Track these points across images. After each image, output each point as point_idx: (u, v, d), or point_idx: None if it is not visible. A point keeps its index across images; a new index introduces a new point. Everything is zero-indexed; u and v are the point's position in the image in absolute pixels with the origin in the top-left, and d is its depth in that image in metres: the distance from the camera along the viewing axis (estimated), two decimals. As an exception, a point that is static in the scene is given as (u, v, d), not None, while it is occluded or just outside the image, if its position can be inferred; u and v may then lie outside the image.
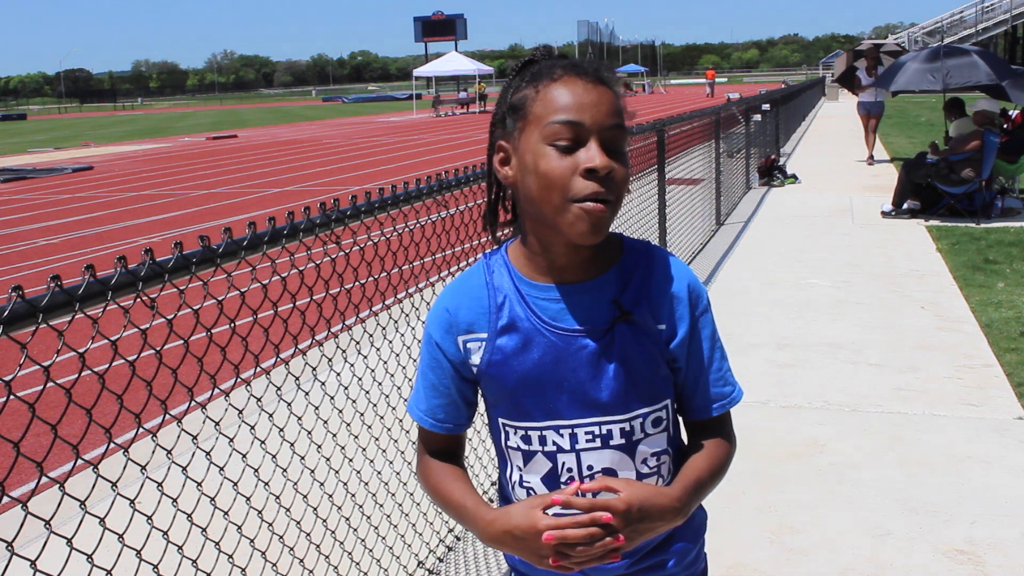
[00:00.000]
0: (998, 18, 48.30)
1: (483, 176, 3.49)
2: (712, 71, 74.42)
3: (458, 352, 1.46)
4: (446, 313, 1.47)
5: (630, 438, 1.43)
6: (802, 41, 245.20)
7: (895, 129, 22.92)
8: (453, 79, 61.68)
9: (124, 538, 1.84)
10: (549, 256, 1.40)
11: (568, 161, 1.31)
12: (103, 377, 1.70)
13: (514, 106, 1.38)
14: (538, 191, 1.33)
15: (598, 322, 1.39)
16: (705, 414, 1.49)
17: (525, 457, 1.46)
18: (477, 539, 1.48)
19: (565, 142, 1.31)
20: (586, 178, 1.30)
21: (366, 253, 2.85)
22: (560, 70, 1.35)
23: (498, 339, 1.42)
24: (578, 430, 1.42)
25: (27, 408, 1.52)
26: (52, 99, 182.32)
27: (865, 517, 3.63)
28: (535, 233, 1.41)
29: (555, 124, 1.31)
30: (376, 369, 3.46)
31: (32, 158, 30.52)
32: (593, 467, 1.42)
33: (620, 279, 1.42)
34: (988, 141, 9.96)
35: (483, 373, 1.45)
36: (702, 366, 1.47)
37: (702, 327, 1.46)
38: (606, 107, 1.33)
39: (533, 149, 1.34)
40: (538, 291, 1.42)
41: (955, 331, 6.05)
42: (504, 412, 1.47)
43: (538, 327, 1.41)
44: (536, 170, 1.33)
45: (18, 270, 10.11)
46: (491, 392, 1.47)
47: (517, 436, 1.46)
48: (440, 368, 1.49)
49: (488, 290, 1.44)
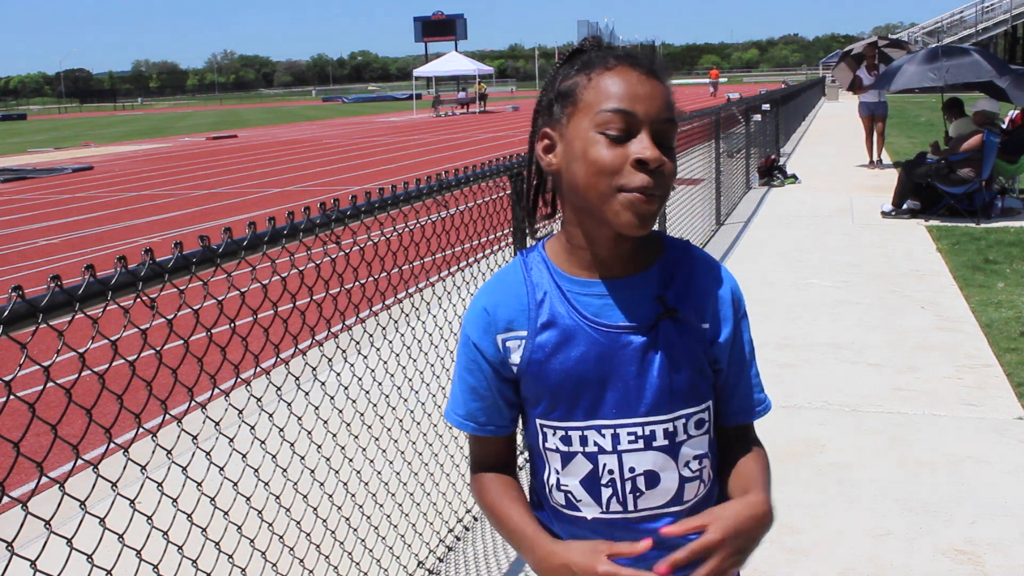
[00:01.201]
0: (998, 18, 48.30)
1: (483, 176, 3.49)
2: (716, 71, 74.44)
3: (497, 352, 1.42)
4: (484, 312, 1.43)
5: (673, 439, 1.39)
6: (802, 41, 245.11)
7: (895, 129, 22.91)
8: (453, 79, 61.66)
9: (124, 538, 1.85)
10: (592, 249, 1.37)
11: (618, 150, 1.28)
12: (103, 377, 1.70)
13: (563, 93, 1.35)
14: (585, 177, 1.30)
15: (642, 318, 1.36)
16: (746, 418, 1.46)
17: (564, 459, 1.41)
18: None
19: (616, 131, 1.28)
20: (637, 169, 1.27)
21: (366, 253, 2.85)
22: (614, 60, 1.33)
23: (538, 337, 1.38)
24: (620, 430, 1.38)
25: (27, 408, 1.52)
26: (52, 99, 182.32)
27: (865, 517, 3.63)
28: (579, 224, 1.37)
29: (607, 112, 1.29)
30: (376, 369, 3.46)
31: (32, 158, 30.51)
32: (635, 469, 1.38)
33: (662, 276, 1.39)
34: (988, 141, 9.97)
35: (523, 372, 1.41)
36: (743, 369, 1.44)
37: (743, 330, 1.44)
38: (659, 100, 1.31)
39: (583, 136, 1.31)
40: (579, 287, 1.38)
41: (955, 331, 6.05)
42: (543, 412, 1.42)
43: (580, 324, 1.37)
44: (585, 157, 1.30)
45: (18, 270, 10.11)
46: (531, 391, 1.42)
47: (556, 437, 1.41)
48: (479, 370, 1.44)
49: (527, 287, 1.40)
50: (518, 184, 3.82)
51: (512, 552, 3.51)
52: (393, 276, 3.25)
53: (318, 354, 5.28)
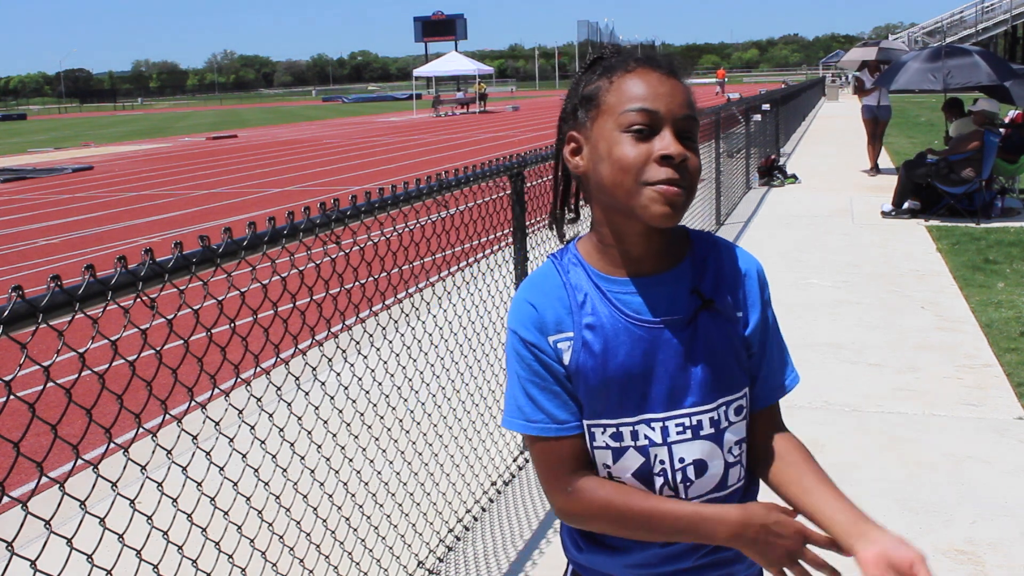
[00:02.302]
0: (998, 18, 48.31)
1: (482, 176, 3.49)
2: (722, 71, 74.86)
3: (552, 351, 1.41)
4: (534, 312, 1.42)
5: (718, 427, 1.43)
6: (802, 41, 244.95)
7: (895, 129, 22.90)
8: (453, 79, 61.68)
9: (124, 538, 1.85)
10: (623, 247, 1.41)
11: (643, 148, 1.33)
12: (103, 377, 1.70)
13: (587, 97, 1.40)
14: (611, 176, 1.35)
15: (681, 312, 1.40)
16: (779, 394, 1.50)
17: (615, 455, 1.43)
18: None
19: (640, 129, 1.33)
20: (661, 164, 1.32)
21: (366, 253, 2.85)
22: (634, 62, 1.38)
23: (584, 337, 1.40)
24: (669, 423, 1.41)
25: (27, 408, 1.52)
26: (52, 99, 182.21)
27: (865, 517, 3.63)
28: (608, 223, 1.41)
29: (630, 112, 1.34)
30: (376, 369, 3.46)
31: (32, 158, 30.51)
32: (685, 459, 1.42)
33: (695, 268, 1.42)
34: (988, 141, 9.96)
35: (572, 374, 1.41)
36: (771, 351, 1.49)
37: (769, 313, 1.49)
38: (680, 98, 1.36)
39: (608, 137, 1.36)
40: (618, 286, 1.41)
41: (955, 331, 6.05)
42: (591, 413, 1.42)
43: (623, 322, 1.40)
44: (610, 156, 1.35)
45: (18, 270, 10.11)
46: (580, 392, 1.42)
47: (606, 435, 1.43)
48: (543, 368, 1.42)
49: (567, 290, 1.42)
50: (518, 184, 3.82)
51: (512, 552, 3.50)
52: (393, 276, 3.25)
53: (318, 354, 5.28)
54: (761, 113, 14.44)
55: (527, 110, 49.84)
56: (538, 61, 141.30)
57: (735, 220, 10.92)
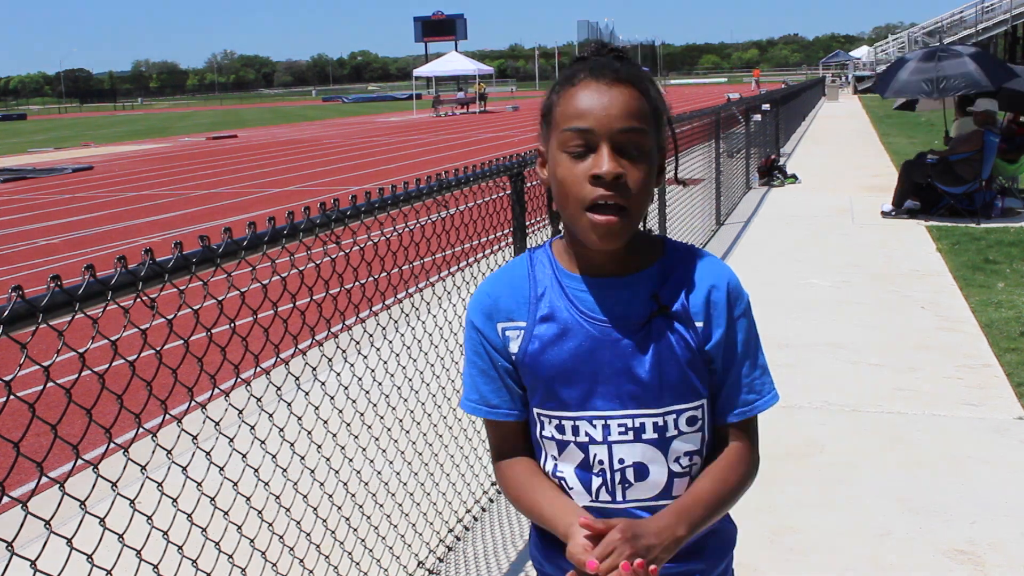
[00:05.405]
0: (998, 18, 48.25)
1: (482, 176, 3.49)
2: (758, 70, 75.48)
3: (498, 339, 1.48)
4: (487, 298, 1.49)
5: (663, 433, 1.43)
6: (802, 41, 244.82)
7: (895, 129, 22.91)
8: (453, 79, 61.66)
9: (124, 538, 1.84)
10: (584, 251, 1.42)
11: (580, 167, 1.33)
12: (103, 377, 1.70)
13: (543, 112, 1.43)
14: (557, 197, 1.38)
15: (636, 315, 1.41)
16: (723, 420, 1.47)
17: (559, 447, 1.47)
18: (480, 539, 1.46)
19: (575, 149, 1.33)
20: (593, 184, 1.31)
21: (366, 253, 2.85)
22: (582, 73, 1.36)
23: (536, 328, 1.44)
24: (611, 422, 1.42)
25: (27, 408, 1.52)
26: (52, 99, 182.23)
27: (865, 517, 3.63)
28: (569, 230, 1.43)
29: (566, 132, 1.34)
30: (376, 369, 3.46)
31: (32, 158, 30.51)
32: (624, 460, 1.43)
33: (661, 276, 1.43)
34: (988, 141, 9.96)
35: (520, 362, 1.46)
36: (731, 369, 1.46)
37: (739, 330, 1.45)
38: (619, 109, 1.32)
39: (553, 155, 1.38)
40: (578, 283, 1.44)
41: (955, 331, 6.05)
42: (539, 402, 1.47)
43: (576, 318, 1.42)
44: (555, 177, 1.37)
45: (18, 270, 10.11)
46: (528, 381, 1.48)
47: (551, 426, 1.46)
48: (485, 353, 1.50)
49: (529, 281, 1.47)
50: (518, 184, 3.82)
51: (512, 552, 3.51)
52: (393, 276, 3.25)
53: (318, 354, 5.28)
54: (761, 113, 14.44)
55: (527, 110, 49.81)
56: (538, 61, 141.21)
57: (735, 220, 10.92)
